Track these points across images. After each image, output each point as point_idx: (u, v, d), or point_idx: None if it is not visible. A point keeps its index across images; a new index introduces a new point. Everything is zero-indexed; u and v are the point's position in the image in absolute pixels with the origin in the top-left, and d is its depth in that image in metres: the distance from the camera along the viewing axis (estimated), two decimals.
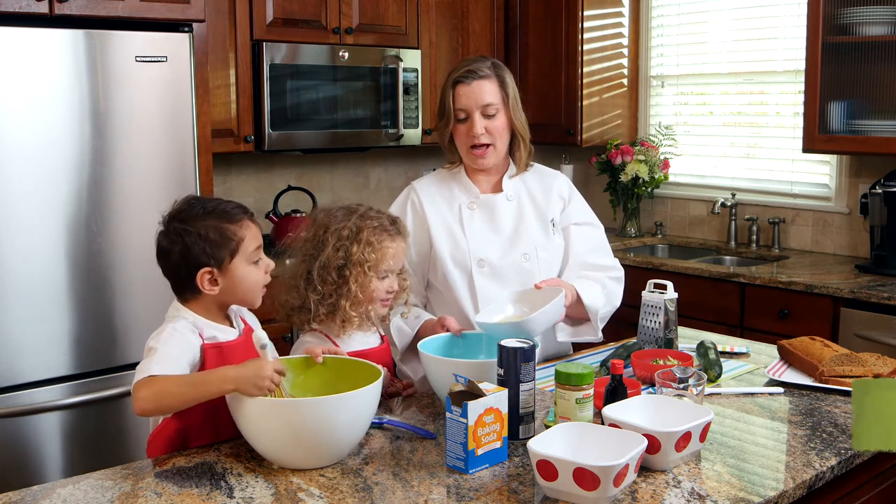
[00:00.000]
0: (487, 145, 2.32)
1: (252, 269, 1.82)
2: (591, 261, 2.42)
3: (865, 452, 1.77)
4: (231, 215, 1.81)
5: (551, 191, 2.43)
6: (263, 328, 1.90)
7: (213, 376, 1.66)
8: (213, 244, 1.77)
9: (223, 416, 1.78)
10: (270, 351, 1.76)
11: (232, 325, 1.88)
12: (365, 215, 2.04)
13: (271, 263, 1.88)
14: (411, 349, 2.27)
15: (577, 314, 2.32)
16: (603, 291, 2.36)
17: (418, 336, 2.22)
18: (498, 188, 2.41)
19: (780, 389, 2.12)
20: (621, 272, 2.46)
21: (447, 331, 2.11)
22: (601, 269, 2.42)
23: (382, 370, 1.79)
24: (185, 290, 1.82)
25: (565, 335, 2.36)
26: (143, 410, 1.67)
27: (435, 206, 2.38)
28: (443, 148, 2.42)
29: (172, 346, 1.73)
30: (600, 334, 2.36)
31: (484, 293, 2.32)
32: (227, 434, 1.81)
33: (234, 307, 1.91)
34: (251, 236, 1.82)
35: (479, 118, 2.29)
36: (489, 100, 2.29)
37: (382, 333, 2.15)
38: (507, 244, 2.36)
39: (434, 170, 2.55)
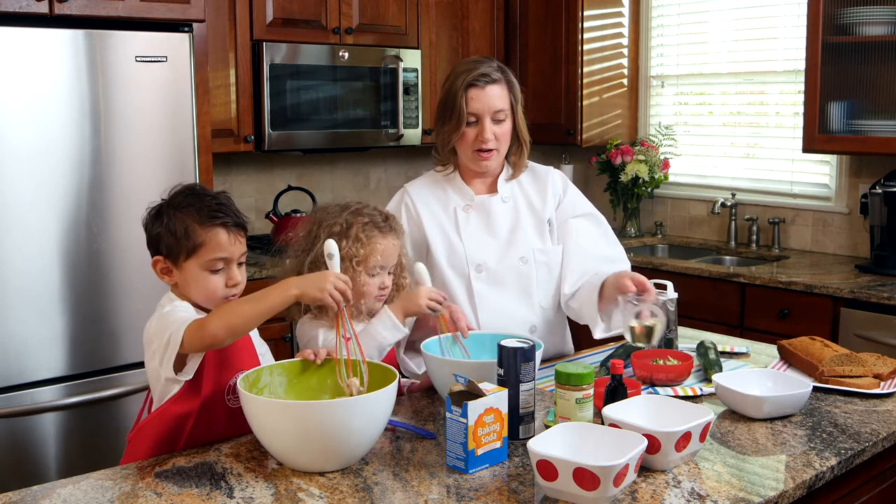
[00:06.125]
0: (492, 149, 2.28)
1: (206, 276, 1.79)
2: (600, 253, 2.37)
3: (864, 452, 1.77)
4: (203, 217, 1.78)
5: (546, 189, 2.40)
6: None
7: (275, 287, 1.71)
8: (175, 237, 1.78)
9: (217, 412, 1.79)
10: (337, 263, 1.79)
11: None
12: (357, 211, 2.04)
13: (237, 278, 1.82)
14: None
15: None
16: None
17: (417, 323, 2.21)
18: (493, 190, 2.38)
19: None
20: (628, 264, 2.42)
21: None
22: (609, 260, 2.36)
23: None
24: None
25: (601, 332, 2.29)
26: (214, 337, 1.67)
27: (429, 208, 2.35)
28: (440, 149, 2.37)
29: (189, 312, 1.76)
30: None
31: (483, 299, 2.30)
32: (219, 430, 1.81)
33: None
34: (215, 245, 1.78)
35: (489, 123, 2.26)
36: (500, 105, 2.26)
37: None
38: (504, 247, 2.34)
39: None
